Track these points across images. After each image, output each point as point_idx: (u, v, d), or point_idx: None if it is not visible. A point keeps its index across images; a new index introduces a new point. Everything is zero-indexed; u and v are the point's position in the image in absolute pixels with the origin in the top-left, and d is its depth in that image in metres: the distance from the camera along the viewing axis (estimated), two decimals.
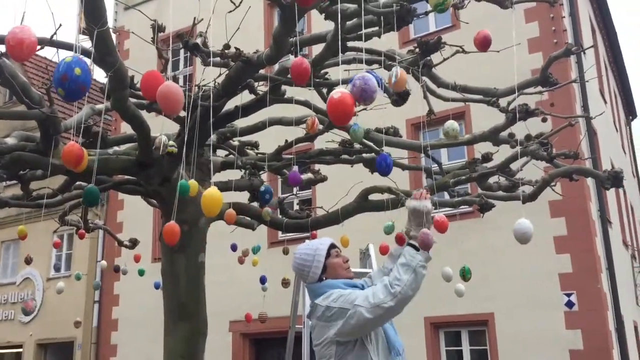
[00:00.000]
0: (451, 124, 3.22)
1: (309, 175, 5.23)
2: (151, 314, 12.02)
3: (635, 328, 12.18)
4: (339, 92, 1.96)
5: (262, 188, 3.08)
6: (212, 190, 2.38)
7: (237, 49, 3.03)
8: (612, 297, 9.57)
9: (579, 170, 3.36)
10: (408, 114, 8.77)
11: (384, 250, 3.68)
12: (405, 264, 2.63)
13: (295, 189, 5.03)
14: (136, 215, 13.36)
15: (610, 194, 12.33)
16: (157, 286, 6.52)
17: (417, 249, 2.65)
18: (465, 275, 3.94)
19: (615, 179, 3.01)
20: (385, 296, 2.62)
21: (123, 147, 4.20)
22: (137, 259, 6.26)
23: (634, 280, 13.50)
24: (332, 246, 3.00)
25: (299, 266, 3.03)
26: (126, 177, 4.06)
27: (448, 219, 10.46)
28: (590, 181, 9.98)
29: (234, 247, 5.82)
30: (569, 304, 9.09)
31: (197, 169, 3.78)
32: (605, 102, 14.11)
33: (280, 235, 12.16)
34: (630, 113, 21.21)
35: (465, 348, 10.03)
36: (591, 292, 9.02)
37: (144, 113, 3.60)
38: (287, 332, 4.34)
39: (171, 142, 3.06)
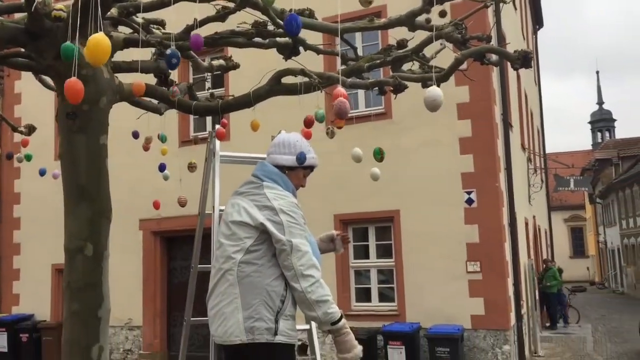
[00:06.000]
0: None
1: (221, 61, 4.99)
2: (55, 212, 11.62)
3: (526, 224, 13.24)
4: None
5: (168, 51, 2.86)
6: (99, 36, 2.12)
7: None
8: (508, 195, 10.25)
9: (491, 49, 3.40)
10: (323, 12, 8.53)
11: (306, 135, 3.65)
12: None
13: (207, 75, 4.81)
14: (35, 110, 12.54)
15: (513, 99, 12.90)
16: (42, 173, 6.17)
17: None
18: (376, 155, 4.03)
19: (524, 59, 3.07)
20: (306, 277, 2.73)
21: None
22: (24, 143, 5.80)
23: (528, 181, 14.51)
24: (312, 169, 3.14)
25: (286, 140, 3.08)
26: (16, 49, 3.68)
27: (362, 120, 10.47)
28: (496, 84, 10.34)
29: (135, 135, 5.55)
30: (469, 201, 9.65)
31: None
32: (515, 9, 14.42)
33: (192, 134, 11.91)
34: (537, 22, 21.88)
35: (372, 243, 10.54)
36: (490, 190, 9.60)
37: None
38: None
39: (59, 5, 2.74)
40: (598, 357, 12.25)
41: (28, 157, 5.91)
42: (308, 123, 3.49)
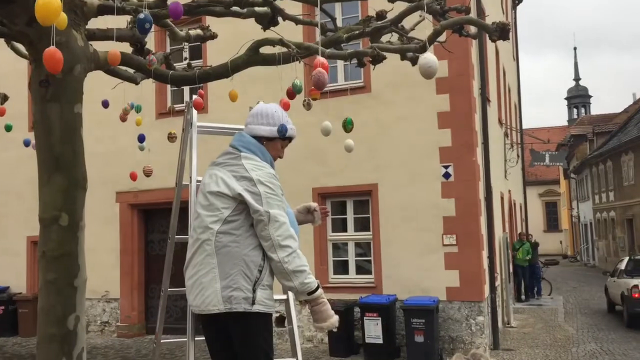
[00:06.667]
0: None
1: (198, 31, 4.91)
2: (29, 183, 11.45)
3: (502, 198, 13.42)
4: None
5: (141, 16, 2.79)
6: None
7: None
8: (485, 169, 10.35)
9: (469, 21, 3.40)
10: None
11: (285, 107, 3.63)
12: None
13: (184, 44, 4.72)
14: (7, 78, 12.23)
15: (491, 74, 12.95)
16: (26, 143, 6.08)
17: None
18: (346, 126, 4.04)
19: (502, 31, 3.08)
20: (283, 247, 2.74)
21: None
22: (1, 112, 5.67)
23: (505, 156, 14.67)
24: (291, 140, 3.12)
25: (264, 111, 3.06)
26: None
27: (341, 94, 10.40)
28: (475, 59, 10.36)
29: (105, 104, 5.46)
30: (446, 175, 9.73)
31: (69, 11, 3.40)
32: None
33: (168, 105, 11.75)
34: None
35: (350, 216, 10.60)
36: (466, 164, 9.68)
37: None
38: None
39: None
40: (569, 327, 12.59)
41: (8, 128, 5.78)
42: (291, 94, 3.47)
